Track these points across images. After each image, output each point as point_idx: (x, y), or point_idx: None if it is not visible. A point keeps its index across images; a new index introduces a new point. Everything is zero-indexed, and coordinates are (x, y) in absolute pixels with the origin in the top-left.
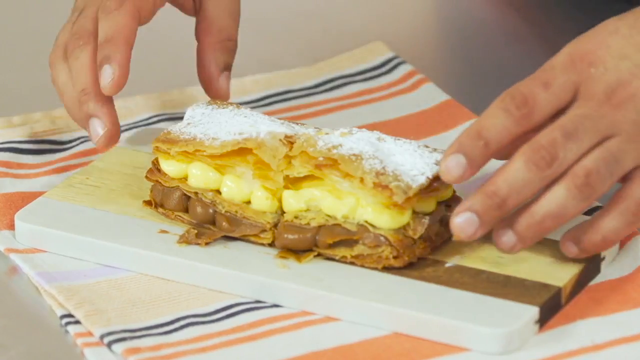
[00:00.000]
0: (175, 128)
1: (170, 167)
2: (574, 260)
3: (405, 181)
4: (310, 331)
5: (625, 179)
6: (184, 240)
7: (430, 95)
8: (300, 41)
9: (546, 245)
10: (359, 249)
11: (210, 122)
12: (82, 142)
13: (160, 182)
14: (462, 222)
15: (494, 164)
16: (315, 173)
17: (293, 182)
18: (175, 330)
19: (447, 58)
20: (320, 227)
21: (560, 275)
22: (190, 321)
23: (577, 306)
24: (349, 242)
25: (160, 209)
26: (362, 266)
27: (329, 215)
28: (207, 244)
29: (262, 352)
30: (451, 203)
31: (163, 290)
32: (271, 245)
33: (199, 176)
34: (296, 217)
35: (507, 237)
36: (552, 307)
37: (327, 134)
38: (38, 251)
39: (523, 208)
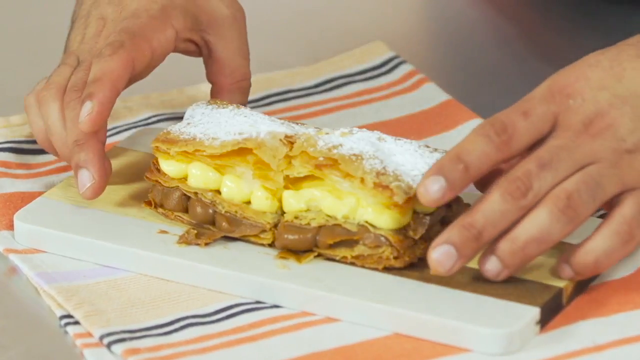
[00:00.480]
0: (174, 128)
1: (170, 167)
2: None
3: (405, 181)
4: (310, 332)
5: (612, 204)
6: (184, 240)
7: (431, 95)
8: (301, 41)
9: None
10: (359, 250)
11: (210, 122)
12: None
13: (160, 182)
14: (439, 256)
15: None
16: (315, 173)
17: (293, 182)
18: (175, 330)
19: (448, 58)
20: (320, 227)
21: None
22: (190, 322)
23: (578, 307)
24: (349, 243)
25: (160, 209)
26: (363, 267)
27: (329, 216)
28: (206, 244)
29: (262, 352)
30: (452, 203)
31: (163, 291)
32: (271, 245)
33: (198, 176)
34: (296, 218)
35: (492, 265)
36: (553, 308)
37: (327, 133)
38: (37, 251)
39: (506, 234)
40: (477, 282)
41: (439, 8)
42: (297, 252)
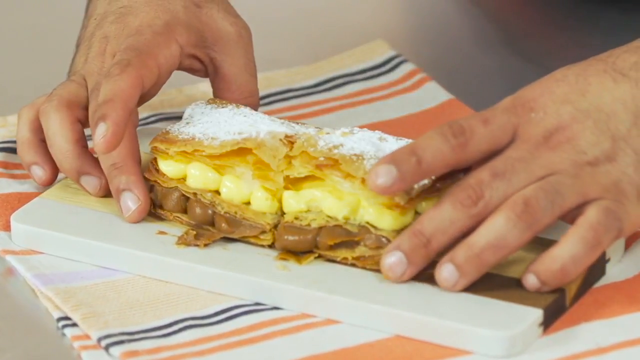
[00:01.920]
0: (173, 128)
1: (169, 167)
2: None
3: None
4: (310, 334)
5: (574, 216)
6: (183, 241)
7: (433, 95)
8: (301, 39)
9: (550, 247)
10: (360, 251)
11: (210, 122)
12: None
13: (158, 183)
14: (391, 262)
15: None
16: (315, 173)
17: (293, 183)
18: (174, 333)
19: (450, 57)
20: (320, 228)
21: None
22: (189, 324)
23: (581, 309)
24: (350, 244)
25: (159, 210)
26: (364, 268)
27: (329, 217)
28: (206, 245)
29: (261, 355)
30: None
31: (161, 293)
32: (271, 246)
33: (197, 177)
34: (296, 218)
35: (448, 273)
36: (556, 310)
37: (327, 133)
38: (34, 253)
39: (463, 241)
40: (479, 283)
41: (441, 6)
42: (297, 253)
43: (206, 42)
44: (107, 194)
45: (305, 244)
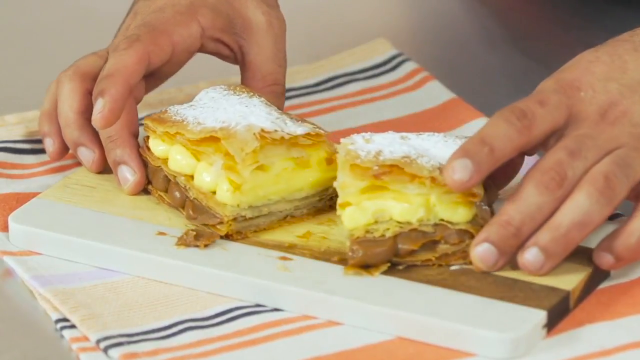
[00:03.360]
0: (173, 108)
1: (157, 146)
2: (583, 263)
3: None
4: (311, 336)
5: (637, 192)
6: (183, 242)
7: (435, 94)
8: (302, 38)
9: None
10: (441, 249)
11: (210, 107)
12: None
13: (148, 160)
14: (481, 253)
15: None
16: (376, 183)
17: (349, 197)
18: (174, 334)
19: (452, 55)
20: (395, 236)
21: (568, 278)
22: (188, 325)
23: (585, 310)
24: (429, 245)
25: (149, 186)
26: (448, 265)
27: (401, 222)
28: (206, 246)
29: (262, 357)
30: (486, 187)
31: (161, 294)
32: (227, 238)
33: (176, 159)
34: (367, 232)
35: (534, 257)
36: (560, 311)
37: (352, 144)
38: (32, 253)
39: (545, 223)
40: (482, 285)
41: (444, 5)
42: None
43: (235, 29)
44: (101, 169)
45: (384, 254)
